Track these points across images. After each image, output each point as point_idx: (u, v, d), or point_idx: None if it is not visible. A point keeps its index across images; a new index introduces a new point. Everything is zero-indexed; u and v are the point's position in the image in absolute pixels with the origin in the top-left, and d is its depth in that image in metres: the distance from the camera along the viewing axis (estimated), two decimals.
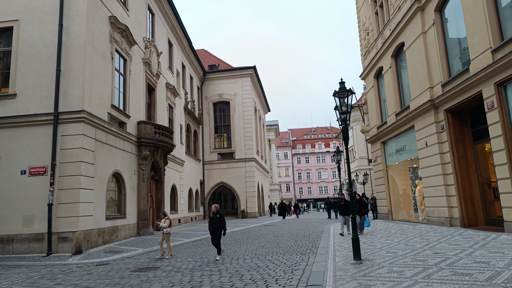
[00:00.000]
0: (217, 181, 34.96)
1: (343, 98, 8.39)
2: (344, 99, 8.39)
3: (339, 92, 8.37)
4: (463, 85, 11.68)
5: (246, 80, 37.01)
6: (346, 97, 8.41)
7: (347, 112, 8.44)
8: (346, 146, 8.77)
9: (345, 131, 8.79)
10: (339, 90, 8.39)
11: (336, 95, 8.43)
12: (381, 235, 13.12)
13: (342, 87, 8.42)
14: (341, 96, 8.37)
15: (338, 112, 8.93)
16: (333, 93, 8.50)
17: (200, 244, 14.02)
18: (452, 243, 9.64)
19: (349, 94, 8.37)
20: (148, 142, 18.15)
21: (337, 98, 8.48)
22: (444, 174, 13.41)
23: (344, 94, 8.35)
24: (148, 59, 19.87)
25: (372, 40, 20.19)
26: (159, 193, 20.70)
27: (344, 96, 8.38)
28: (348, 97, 8.41)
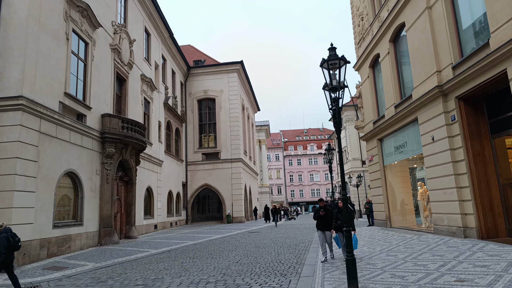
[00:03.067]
0: (201, 183, 32.66)
1: (333, 69, 6.23)
2: (335, 70, 6.23)
3: (328, 61, 6.22)
4: (481, 64, 9.63)
5: (232, 76, 34.82)
6: (337, 68, 6.26)
7: (339, 88, 6.28)
8: (338, 135, 6.62)
9: (337, 116, 6.63)
10: (329, 58, 6.24)
11: (324, 65, 6.27)
12: (381, 248, 10.99)
13: (333, 54, 6.26)
14: (331, 66, 6.21)
15: (328, 90, 6.77)
16: (321, 62, 6.34)
17: (165, 257, 11.76)
18: (477, 263, 7.49)
19: (341, 63, 6.21)
20: (114, 138, 15.85)
21: (325, 69, 6.32)
22: (456, 174, 11.33)
23: (335, 63, 6.20)
24: (118, 45, 17.60)
25: (367, 25, 18.15)
26: (130, 196, 18.37)
27: (335, 67, 6.22)
28: (340, 68, 6.26)
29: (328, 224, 9.39)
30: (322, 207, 9.58)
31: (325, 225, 9.48)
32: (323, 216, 9.52)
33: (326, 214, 9.50)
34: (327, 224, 9.39)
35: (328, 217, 9.38)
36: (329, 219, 9.33)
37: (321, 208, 9.58)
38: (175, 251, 13.30)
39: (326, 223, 9.47)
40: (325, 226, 9.46)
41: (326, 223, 9.47)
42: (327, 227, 9.42)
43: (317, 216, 9.61)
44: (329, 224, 9.32)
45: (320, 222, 9.61)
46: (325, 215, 9.51)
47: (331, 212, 9.41)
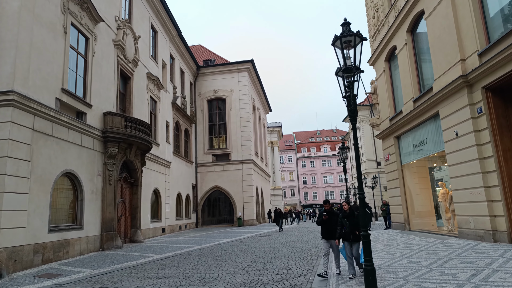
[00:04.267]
0: (212, 185, 31.92)
1: (347, 48, 5.34)
2: (349, 49, 5.34)
3: (341, 38, 5.32)
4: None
5: (243, 75, 34.06)
6: (352, 46, 5.36)
7: (354, 70, 5.37)
8: (353, 124, 5.71)
9: (352, 103, 5.73)
10: (342, 35, 5.34)
11: (337, 43, 5.39)
12: (401, 254, 9.99)
13: (346, 29, 5.36)
14: (345, 44, 5.32)
15: (341, 74, 5.88)
16: (333, 40, 5.45)
17: (168, 263, 10.98)
18: None
19: (357, 40, 5.31)
20: (116, 137, 15.19)
21: (338, 48, 5.43)
22: (484, 172, 10.26)
23: (349, 40, 5.30)
24: (121, 41, 17.00)
25: (383, 17, 17.13)
26: (135, 198, 17.71)
27: (349, 45, 5.33)
28: (355, 46, 5.36)
29: (333, 230, 7.80)
30: (327, 211, 7.97)
31: (329, 232, 7.92)
32: (327, 221, 7.90)
33: (330, 219, 7.87)
34: (332, 231, 7.84)
35: (333, 223, 7.82)
36: (334, 225, 7.78)
37: (325, 212, 7.98)
38: (180, 256, 12.52)
39: (331, 229, 7.87)
40: (330, 233, 7.91)
41: (331, 230, 7.88)
42: (332, 235, 7.85)
43: (320, 220, 8.04)
44: (335, 231, 7.74)
45: (323, 229, 8.02)
46: (330, 220, 7.88)
47: (336, 216, 7.89)
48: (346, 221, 7.46)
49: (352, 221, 7.34)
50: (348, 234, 7.38)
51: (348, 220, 7.46)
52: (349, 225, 7.37)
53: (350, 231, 7.37)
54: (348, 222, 7.41)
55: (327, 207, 7.98)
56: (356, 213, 7.34)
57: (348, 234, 7.38)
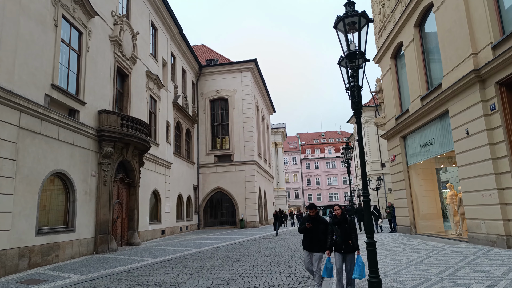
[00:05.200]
0: (214, 186, 31.34)
1: (351, 31, 4.74)
2: (353, 32, 4.73)
3: (344, 19, 4.71)
4: None
5: (246, 74, 33.48)
6: (357, 29, 4.75)
7: (359, 56, 4.77)
8: (358, 118, 5.10)
9: (356, 94, 5.13)
10: (345, 15, 4.73)
11: (339, 25, 4.78)
12: (408, 260, 9.33)
13: (351, 10, 4.75)
14: (349, 26, 4.71)
15: (344, 62, 5.29)
16: (335, 22, 4.84)
17: (162, 268, 10.42)
18: None
19: (362, 22, 4.70)
20: (112, 136, 14.67)
21: (341, 32, 4.82)
22: (497, 173, 9.59)
23: (353, 22, 4.69)
24: (118, 37, 16.50)
25: (389, 12, 16.48)
26: (132, 199, 17.18)
27: (353, 27, 4.72)
28: (360, 29, 4.75)
29: (317, 241, 6.45)
30: (311, 217, 6.62)
31: (313, 243, 6.52)
32: (311, 229, 6.55)
33: (316, 227, 6.52)
34: (316, 242, 6.45)
35: (319, 232, 6.46)
36: (320, 234, 6.45)
37: (309, 218, 6.63)
38: (175, 260, 11.95)
39: (314, 239, 6.51)
40: (313, 244, 6.51)
41: (314, 240, 6.50)
42: (315, 246, 6.47)
43: (303, 228, 6.64)
44: (320, 242, 6.42)
45: (306, 238, 6.68)
46: (315, 228, 6.53)
47: (324, 224, 6.55)
48: (337, 229, 6.28)
49: (344, 228, 6.23)
50: (340, 244, 6.20)
51: (339, 227, 6.27)
52: (341, 233, 6.20)
53: (342, 241, 6.19)
54: (340, 229, 6.23)
55: (312, 213, 6.65)
56: (349, 219, 6.33)
57: (340, 243, 6.20)
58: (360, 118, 5.22)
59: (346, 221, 6.34)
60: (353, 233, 6.20)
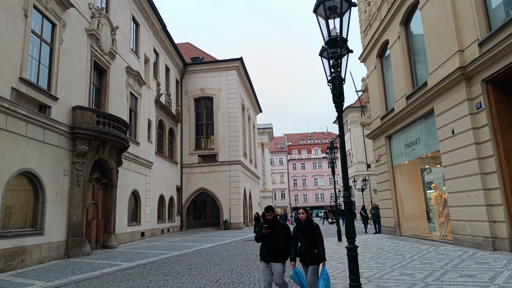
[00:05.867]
0: (197, 187, 30.72)
1: (333, 16, 4.31)
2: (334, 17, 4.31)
3: (325, 1, 4.28)
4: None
5: (232, 73, 32.97)
6: (338, 13, 4.33)
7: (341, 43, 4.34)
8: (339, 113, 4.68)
9: (337, 85, 4.70)
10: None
11: (319, 9, 4.34)
12: (392, 263, 8.98)
13: None
14: (330, 11, 4.28)
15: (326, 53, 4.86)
16: (315, 6, 4.40)
17: (135, 273, 9.84)
18: None
19: (344, 7, 4.28)
20: (86, 134, 14.00)
21: (321, 17, 4.40)
22: (483, 173, 9.32)
23: (335, 6, 4.26)
24: (95, 31, 15.82)
25: (375, 10, 16.21)
26: (109, 200, 16.49)
27: (334, 12, 4.29)
28: (343, 14, 4.33)
29: (276, 249, 5.53)
30: (269, 222, 5.65)
31: (271, 252, 5.56)
32: (269, 236, 5.59)
33: (275, 233, 5.57)
34: (275, 250, 5.53)
35: (278, 239, 5.55)
36: (279, 242, 5.54)
37: (265, 223, 5.64)
38: (151, 264, 11.37)
39: (273, 248, 5.55)
40: (272, 253, 5.56)
41: (273, 249, 5.55)
42: (274, 255, 5.54)
43: (260, 236, 5.68)
44: (279, 250, 5.53)
45: (263, 247, 5.71)
46: (273, 235, 5.57)
47: (284, 229, 5.64)
48: (301, 236, 5.45)
49: (309, 236, 5.40)
50: (304, 254, 5.37)
51: (303, 234, 5.42)
52: (305, 241, 5.38)
53: (306, 250, 5.35)
54: (304, 237, 5.39)
55: (269, 216, 5.67)
56: (315, 224, 5.52)
57: (304, 253, 5.37)
58: (341, 111, 4.80)
59: (311, 227, 5.50)
60: (319, 241, 5.42)
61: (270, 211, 5.68)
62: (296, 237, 5.57)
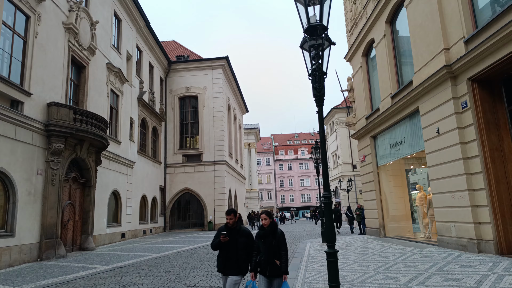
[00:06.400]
0: (181, 187, 30.19)
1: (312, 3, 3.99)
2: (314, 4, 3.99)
3: None
4: (505, 31, 7.49)
5: (217, 72, 32.54)
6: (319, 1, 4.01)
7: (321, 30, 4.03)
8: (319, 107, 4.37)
9: (317, 77, 4.39)
10: None
11: None
12: (376, 266, 8.73)
13: None
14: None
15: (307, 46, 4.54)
16: None
17: (109, 277, 9.38)
18: None
19: None
20: (62, 131, 13.43)
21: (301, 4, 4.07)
22: (468, 173, 9.15)
23: None
24: (73, 25, 15.23)
25: (361, 8, 16.04)
26: (87, 200, 15.91)
27: None
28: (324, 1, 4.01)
29: (234, 260, 4.76)
30: (229, 228, 4.87)
31: (227, 263, 4.79)
32: (228, 244, 4.80)
33: (235, 241, 4.80)
34: (233, 261, 4.76)
35: (238, 247, 4.80)
36: (239, 251, 4.79)
37: (225, 229, 4.87)
38: (128, 268, 10.90)
39: (232, 258, 4.78)
40: (228, 264, 4.78)
41: (232, 259, 4.77)
42: (231, 267, 4.76)
43: (217, 243, 4.86)
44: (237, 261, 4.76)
45: (220, 257, 4.93)
46: (232, 243, 4.79)
47: (245, 237, 4.88)
48: (262, 244, 4.67)
49: (271, 244, 4.62)
50: (265, 265, 4.58)
51: (265, 242, 4.65)
52: (266, 250, 4.60)
53: (267, 260, 4.57)
54: (265, 245, 4.63)
55: (229, 220, 4.86)
56: (279, 231, 4.71)
57: (265, 264, 4.58)
58: (321, 106, 4.50)
59: (274, 234, 4.67)
60: (283, 251, 4.63)
61: (232, 214, 4.85)
62: (258, 245, 4.75)
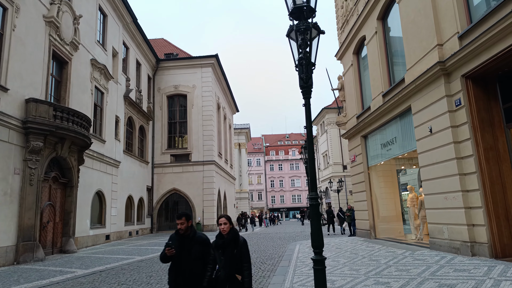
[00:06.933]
0: (169, 188, 29.58)
1: None
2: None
3: None
4: (501, 26, 7.20)
5: (207, 70, 32.01)
6: None
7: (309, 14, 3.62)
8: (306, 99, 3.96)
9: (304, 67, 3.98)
10: None
11: None
12: (366, 270, 8.36)
13: None
14: None
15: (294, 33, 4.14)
16: None
17: (88, 282, 8.87)
18: None
19: None
20: (41, 129, 12.84)
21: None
22: (462, 174, 8.86)
23: None
24: (55, 19, 14.63)
25: (352, 5, 15.73)
26: (68, 201, 15.30)
27: None
28: None
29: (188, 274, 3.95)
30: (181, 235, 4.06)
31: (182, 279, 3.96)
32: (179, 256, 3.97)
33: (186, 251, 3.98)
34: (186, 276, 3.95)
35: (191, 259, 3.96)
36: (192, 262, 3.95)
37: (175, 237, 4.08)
38: (109, 272, 10.38)
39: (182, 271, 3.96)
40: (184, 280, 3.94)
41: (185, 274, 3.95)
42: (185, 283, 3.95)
43: (163, 256, 3.98)
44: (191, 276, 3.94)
45: (171, 271, 4.05)
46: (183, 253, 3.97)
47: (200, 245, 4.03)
48: (220, 255, 3.89)
49: (232, 255, 3.87)
50: (223, 281, 3.83)
51: (224, 252, 3.88)
52: (225, 262, 3.84)
53: (226, 274, 3.82)
54: (224, 256, 3.86)
55: (181, 225, 3.99)
56: (241, 240, 3.97)
57: (223, 280, 3.83)
58: (309, 98, 4.11)
59: (236, 243, 3.90)
60: (245, 263, 3.89)
61: (183, 219, 3.98)
62: (215, 256, 3.99)
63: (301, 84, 4.06)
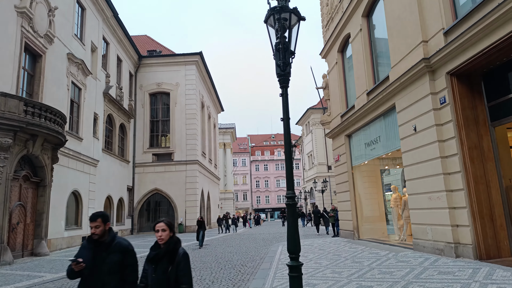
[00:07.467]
0: (151, 188, 28.93)
1: None
2: None
3: None
4: (486, 21, 6.98)
5: (190, 68, 31.46)
6: None
7: None
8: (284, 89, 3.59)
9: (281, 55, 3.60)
10: None
11: None
12: (349, 272, 8.04)
13: None
14: None
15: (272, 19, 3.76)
16: None
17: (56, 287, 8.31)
18: None
19: None
20: (10, 124, 12.14)
21: None
22: (446, 173, 8.63)
23: None
24: (28, 9, 13.94)
25: (337, 2, 15.47)
26: (41, 201, 14.60)
27: None
28: None
29: None
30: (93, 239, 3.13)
31: None
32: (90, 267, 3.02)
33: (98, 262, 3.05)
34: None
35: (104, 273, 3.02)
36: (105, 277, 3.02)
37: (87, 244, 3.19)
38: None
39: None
40: None
41: None
42: None
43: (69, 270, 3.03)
44: None
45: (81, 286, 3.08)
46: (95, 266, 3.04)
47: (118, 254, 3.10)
48: (153, 271, 3.06)
49: (166, 271, 3.04)
50: None
51: (158, 267, 3.05)
52: (156, 281, 3.01)
53: None
54: (157, 272, 3.03)
55: (95, 229, 3.10)
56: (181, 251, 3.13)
57: None
58: (286, 88, 3.74)
59: (173, 256, 3.09)
60: (184, 284, 3.04)
61: (98, 220, 3.12)
62: (146, 272, 3.15)
63: (278, 72, 3.68)
